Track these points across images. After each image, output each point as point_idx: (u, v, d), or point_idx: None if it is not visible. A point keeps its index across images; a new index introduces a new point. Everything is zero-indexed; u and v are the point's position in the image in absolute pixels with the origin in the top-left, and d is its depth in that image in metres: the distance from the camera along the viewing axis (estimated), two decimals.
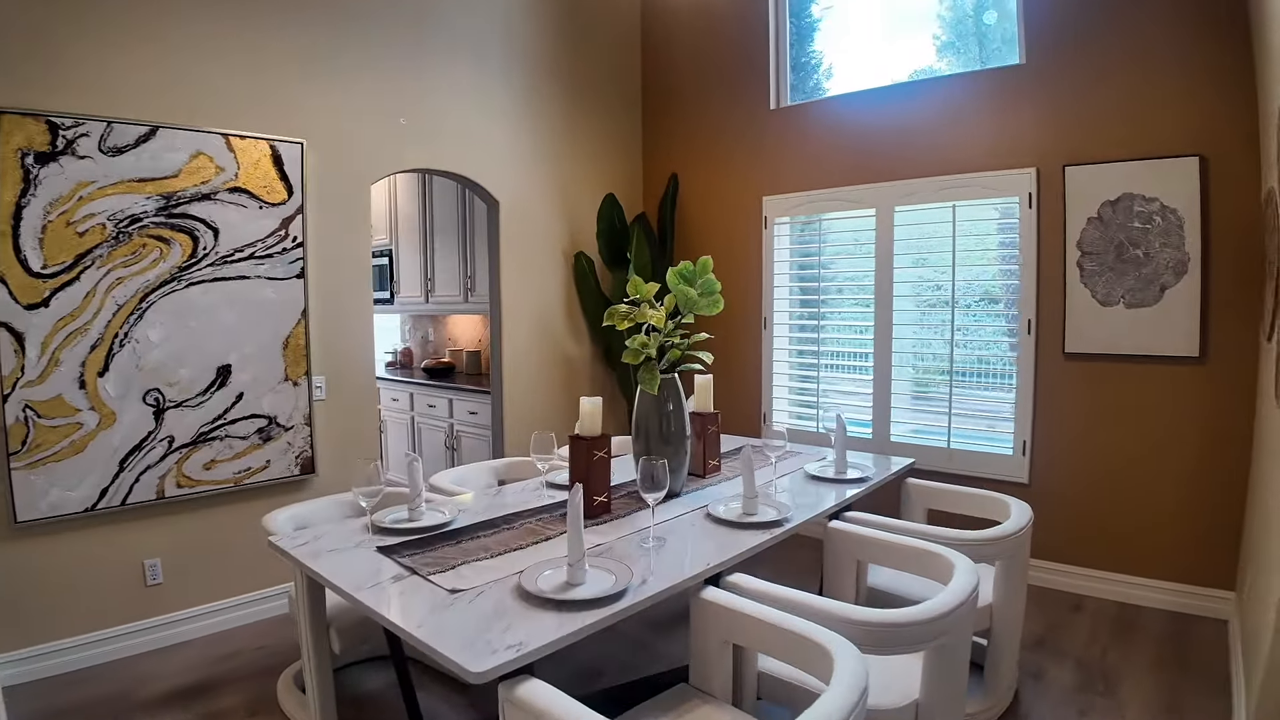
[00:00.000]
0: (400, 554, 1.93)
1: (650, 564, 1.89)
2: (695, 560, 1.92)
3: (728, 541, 2.09)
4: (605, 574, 1.76)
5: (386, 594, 1.68)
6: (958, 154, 3.84)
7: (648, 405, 2.47)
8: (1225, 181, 3.22)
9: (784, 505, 2.38)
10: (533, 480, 2.79)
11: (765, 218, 4.47)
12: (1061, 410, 3.64)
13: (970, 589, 1.90)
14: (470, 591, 1.68)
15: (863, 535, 2.33)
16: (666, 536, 2.13)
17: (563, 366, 4.60)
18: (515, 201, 4.27)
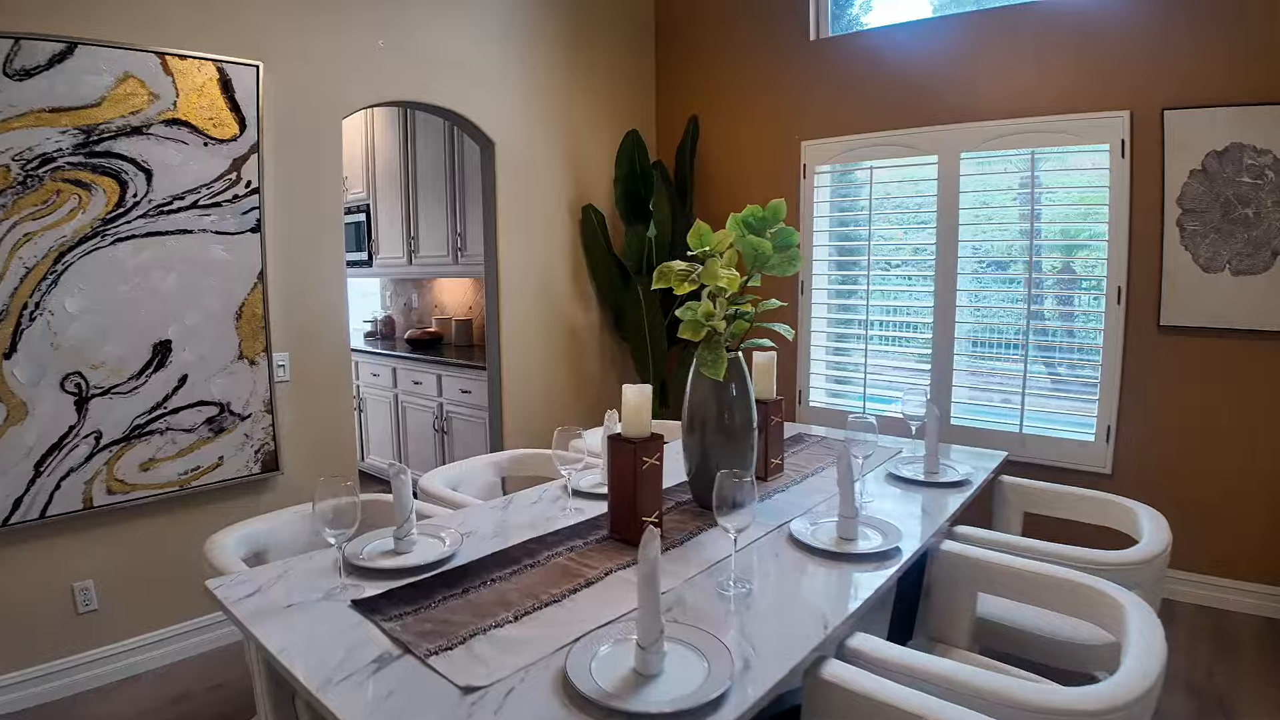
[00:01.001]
0: (386, 612, 1.38)
1: (743, 627, 1.35)
2: (804, 618, 1.39)
3: (832, 582, 1.57)
4: (689, 656, 1.22)
5: (365, 697, 1.12)
6: (1037, 94, 3.27)
7: (705, 392, 1.93)
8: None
9: (887, 526, 1.84)
10: (550, 485, 2.24)
11: (804, 166, 3.89)
12: (1153, 391, 3.15)
13: (1161, 650, 1.39)
14: (495, 690, 1.14)
15: (988, 562, 1.82)
16: (747, 574, 1.59)
17: (568, 337, 4.03)
18: (514, 143, 3.65)
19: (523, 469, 2.74)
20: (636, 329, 3.90)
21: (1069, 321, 3.38)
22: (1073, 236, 3.33)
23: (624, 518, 1.75)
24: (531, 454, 2.76)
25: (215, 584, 1.52)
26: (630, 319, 3.94)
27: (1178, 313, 3.07)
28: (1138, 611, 1.51)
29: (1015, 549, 1.92)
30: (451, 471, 2.53)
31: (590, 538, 1.79)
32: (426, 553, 1.65)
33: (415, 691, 1.13)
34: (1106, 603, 1.61)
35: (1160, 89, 3.02)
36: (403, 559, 1.62)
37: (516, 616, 1.36)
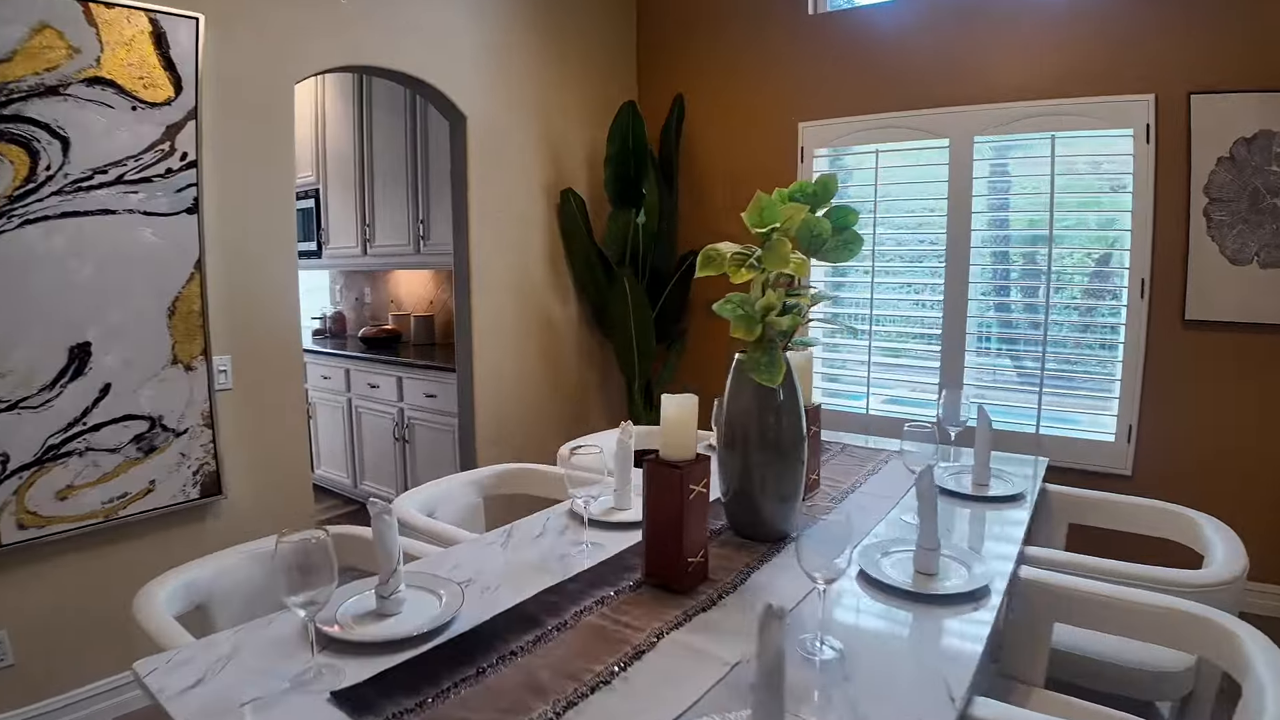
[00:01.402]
0: (380, 710, 1.05)
1: (855, 708, 1.06)
2: (922, 687, 1.11)
3: (931, 632, 1.30)
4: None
5: None
6: (1056, 75, 3.06)
7: (748, 400, 1.64)
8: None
9: (964, 553, 1.58)
10: (553, 512, 1.91)
11: (801, 149, 3.62)
12: (1177, 389, 2.99)
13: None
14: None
15: (1072, 589, 1.57)
16: (824, 624, 1.30)
17: (545, 333, 3.69)
18: (488, 118, 3.29)
19: (507, 486, 2.42)
20: (621, 324, 3.59)
21: (1089, 316, 3.18)
22: (1093, 226, 3.14)
23: (666, 558, 1.44)
24: (518, 470, 2.43)
25: (146, 667, 1.16)
26: (614, 313, 3.62)
27: (1204, 307, 2.91)
28: (1256, 644, 1.28)
29: (1091, 571, 1.69)
30: (426, 494, 2.18)
31: (621, 584, 1.47)
32: (420, 613, 1.32)
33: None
34: (1216, 633, 1.39)
35: (1186, 72, 2.84)
36: (391, 624, 1.28)
37: (558, 712, 1.04)
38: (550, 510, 1.92)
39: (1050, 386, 3.20)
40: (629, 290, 3.47)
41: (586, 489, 1.62)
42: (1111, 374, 3.11)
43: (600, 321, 3.94)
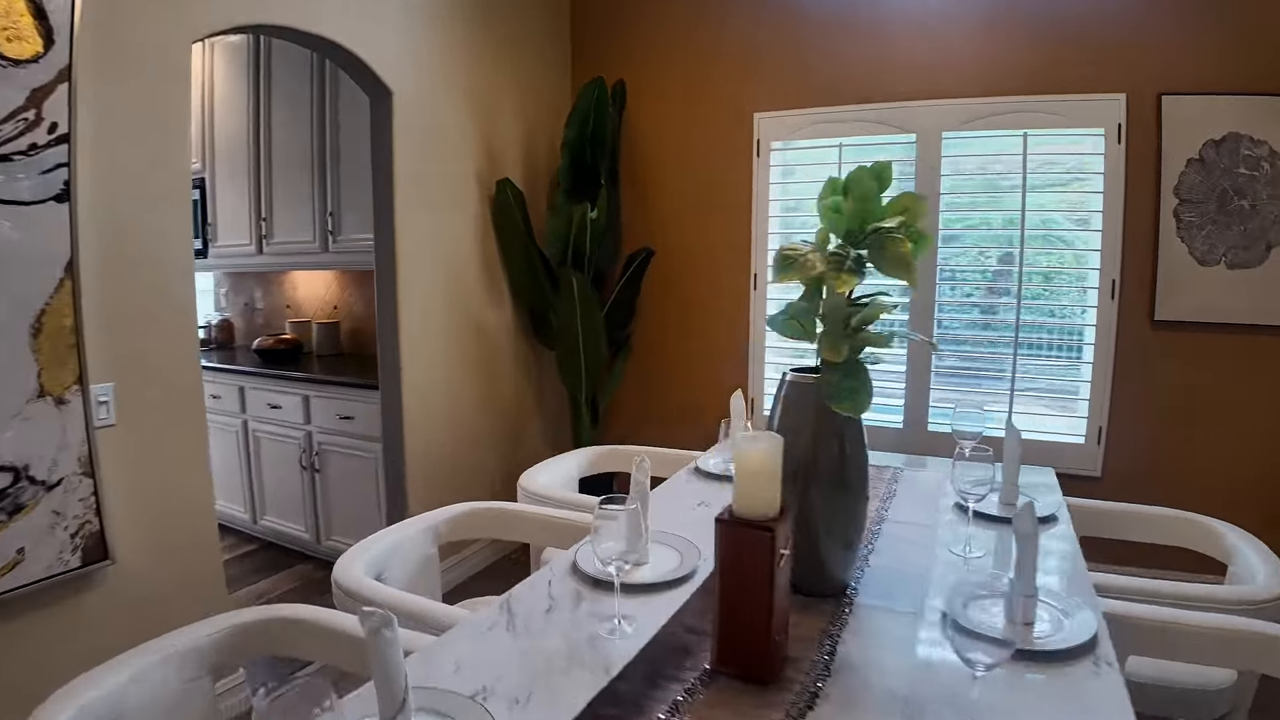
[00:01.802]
0: None
1: None
2: None
3: (1073, 702, 1.09)
4: None
5: None
6: (1028, 71, 3.01)
7: (809, 427, 1.39)
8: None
9: (1061, 598, 1.39)
10: (552, 572, 1.58)
11: (757, 142, 3.42)
12: (1146, 390, 3.00)
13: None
14: None
15: (1153, 620, 1.44)
16: (958, 705, 1.05)
17: (478, 342, 3.32)
18: (417, 96, 2.88)
19: (466, 529, 2.09)
20: (566, 331, 3.26)
21: (1059, 317, 3.14)
22: (1065, 226, 3.09)
23: (748, 641, 1.17)
24: (478, 511, 2.11)
25: None
26: (559, 318, 3.29)
27: (1173, 307, 2.92)
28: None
29: (1151, 595, 1.61)
30: (375, 550, 1.81)
31: (685, 676, 1.18)
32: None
33: None
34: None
35: (1158, 73, 2.84)
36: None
37: None
38: (546, 571, 1.58)
39: (1020, 388, 3.14)
40: (577, 292, 3.15)
41: (618, 550, 1.31)
42: (1081, 375, 3.08)
43: (538, 328, 3.60)
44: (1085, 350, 3.08)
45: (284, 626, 1.47)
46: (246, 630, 1.43)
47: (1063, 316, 3.15)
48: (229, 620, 1.42)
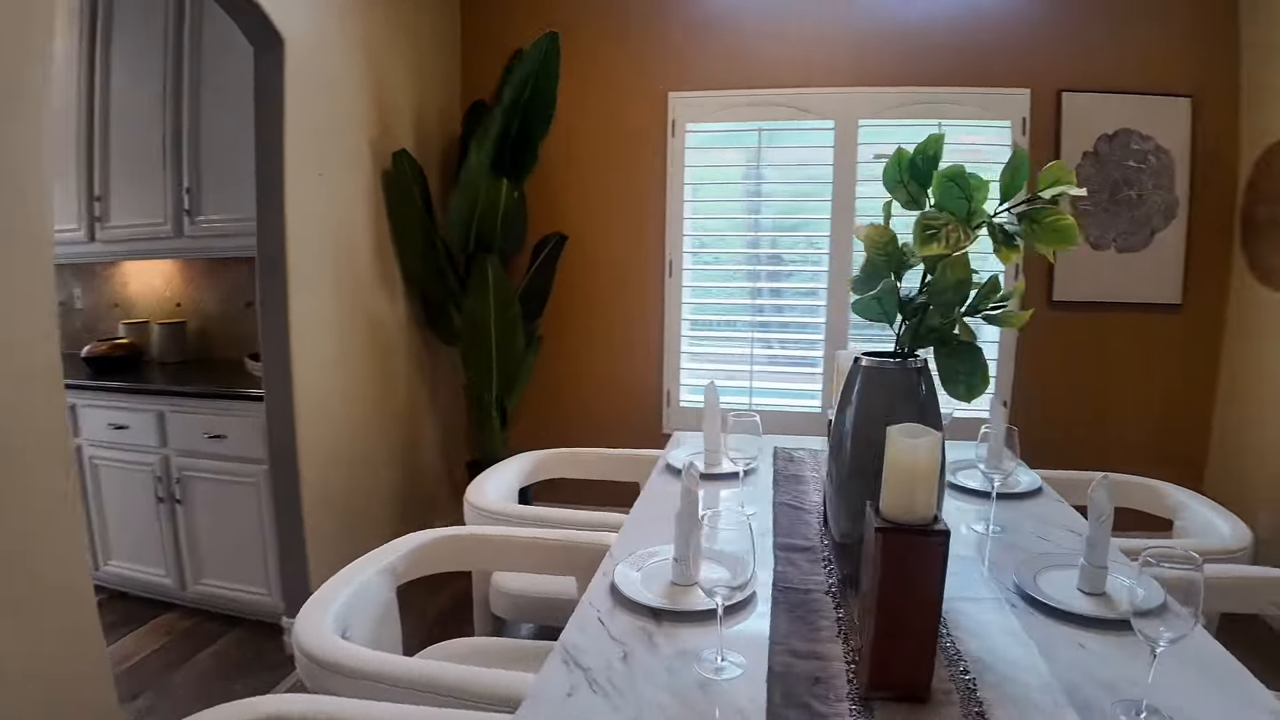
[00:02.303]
0: None
1: None
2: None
3: (1192, 668, 1.10)
4: None
5: None
6: (944, 65, 3.14)
7: (883, 415, 1.28)
8: (1211, 125, 3.03)
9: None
10: (596, 607, 1.36)
11: (672, 121, 3.29)
12: (1045, 365, 3.24)
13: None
14: None
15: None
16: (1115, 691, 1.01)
17: (372, 340, 2.94)
18: (312, 44, 2.47)
19: (423, 566, 1.78)
20: (475, 326, 2.95)
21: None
22: None
23: (908, 659, 1.05)
24: (442, 539, 1.82)
25: None
26: (467, 312, 2.96)
27: (1069, 288, 3.18)
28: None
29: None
30: (340, 603, 1.48)
31: (835, 707, 1.03)
32: None
33: None
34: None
35: (1058, 71, 3.07)
36: None
37: None
38: (586, 607, 1.34)
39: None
40: (493, 281, 2.86)
41: (724, 577, 1.13)
42: (988, 354, 3.25)
43: (435, 322, 3.25)
44: (986, 329, 3.26)
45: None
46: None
47: None
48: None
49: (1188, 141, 3.00)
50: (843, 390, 1.42)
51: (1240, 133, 2.99)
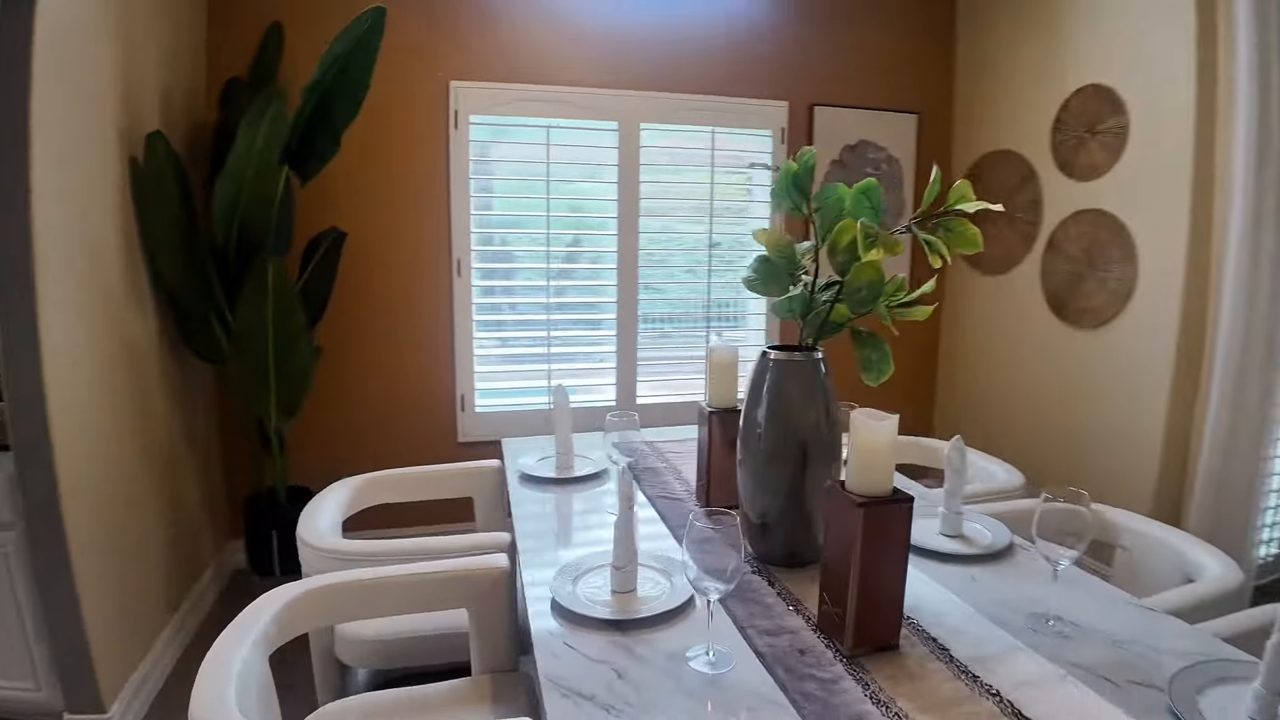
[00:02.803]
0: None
1: None
2: None
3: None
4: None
5: None
6: (717, 75, 3.46)
7: (797, 404, 1.50)
8: (933, 138, 3.73)
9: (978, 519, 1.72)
10: (549, 630, 1.35)
11: (455, 112, 3.19)
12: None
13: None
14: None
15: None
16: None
17: (127, 360, 2.45)
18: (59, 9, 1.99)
19: (295, 626, 1.58)
20: (251, 340, 2.60)
21: (740, 291, 3.65)
22: (749, 213, 3.60)
23: (881, 615, 1.22)
24: (320, 587, 1.62)
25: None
26: (242, 324, 2.59)
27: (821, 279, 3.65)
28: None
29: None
30: (232, 681, 1.28)
31: (829, 669, 1.17)
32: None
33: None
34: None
35: (811, 87, 3.53)
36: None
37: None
38: (548, 640, 1.31)
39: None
40: (273, 286, 2.54)
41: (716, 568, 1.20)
42: (758, 338, 3.66)
43: (193, 337, 2.80)
44: (754, 319, 3.66)
45: None
46: None
47: (738, 292, 3.67)
48: None
49: (914, 151, 3.64)
50: (752, 382, 1.54)
51: (955, 144, 3.70)
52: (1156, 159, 2.80)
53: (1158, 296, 2.83)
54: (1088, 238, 3.09)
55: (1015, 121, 3.41)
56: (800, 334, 1.55)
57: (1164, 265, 2.80)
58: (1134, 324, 2.93)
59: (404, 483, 2.33)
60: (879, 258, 1.34)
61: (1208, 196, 2.72)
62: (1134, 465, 2.90)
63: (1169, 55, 2.73)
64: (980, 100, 3.61)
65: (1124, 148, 2.90)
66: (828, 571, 1.25)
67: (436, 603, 1.69)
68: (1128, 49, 2.90)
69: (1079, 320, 3.17)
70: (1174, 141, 2.73)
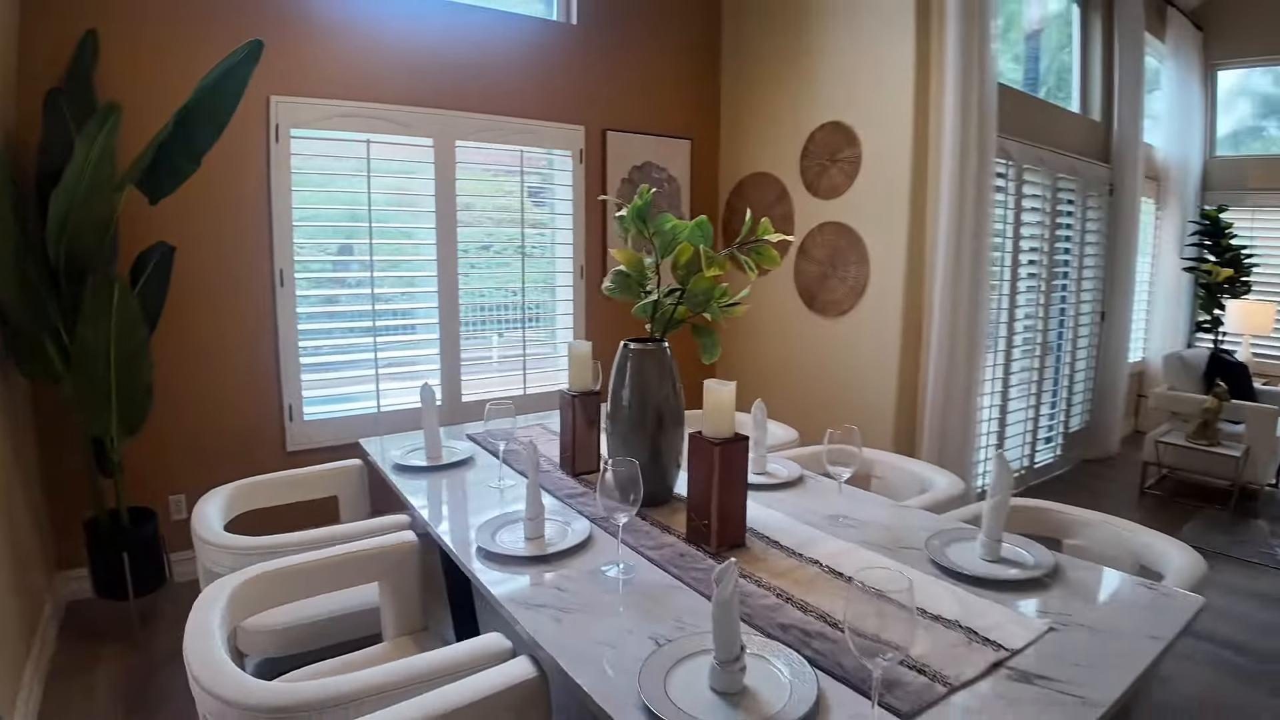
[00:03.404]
0: None
1: None
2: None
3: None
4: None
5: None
6: (523, 97, 3.86)
7: (654, 380, 2.00)
8: (703, 161, 4.44)
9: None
10: (489, 576, 1.73)
11: (275, 126, 3.31)
12: (599, 341, 4.21)
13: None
14: None
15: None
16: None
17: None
18: None
19: (250, 604, 1.78)
20: (90, 360, 2.59)
21: (550, 295, 4.10)
22: (549, 223, 4.04)
23: (732, 522, 1.76)
24: (254, 576, 1.80)
25: None
26: (83, 343, 2.57)
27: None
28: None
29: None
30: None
31: (707, 564, 1.69)
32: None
33: None
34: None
35: (604, 114, 4.06)
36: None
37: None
38: (500, 578, 1.70)
39: (531, 353, 4.01)
40: (116, 306, 2.56)
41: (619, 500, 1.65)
42: (558, 338, 4.14)
43: (23, 358, 2.69)
44: (569, 317, 4.13)
45: None
46: None
47: (554, 295, 4.12)
48: None
49: (689, 172, 4.30)
50: (616, 368, 2.01)
51: (721, 166, 4.41)
52: (883, 183, 3.70)
53: (886, 290, 3.73)
54: (830, 245, 3.93)
55: (771, 149, 4.20)
56: (649, 329, 2.04)
57: (890, 266, 3.70)
58: (869, 312, 3.81)
59: (273, 486, 2.49)
60: (714, 272, 1.86)
61: (921, 212, 3.65)
62: (876, 418, 3.78)
63: (894, 100, 3.62)
64: (742, 130, 4.38)
65: (858, 173, 3.77)
66: (694, 496, 1.76)
67: (357, 579, 1.95)
68: (861, 93, 3.77)
69: (825, 310, 4.01)
70: (896, 169, 3.63)
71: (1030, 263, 4.53)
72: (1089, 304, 5.20)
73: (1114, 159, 5.26)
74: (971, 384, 3.77)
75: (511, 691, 1.37)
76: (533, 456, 1.85)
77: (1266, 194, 6.14)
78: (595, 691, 1.23)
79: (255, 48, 2.63)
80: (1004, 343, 4.35)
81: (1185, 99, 6.00)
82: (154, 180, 2.69)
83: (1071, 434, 5.26)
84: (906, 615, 1.04)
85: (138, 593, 2.77)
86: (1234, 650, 2.87)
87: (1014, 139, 4.13)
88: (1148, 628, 1.41)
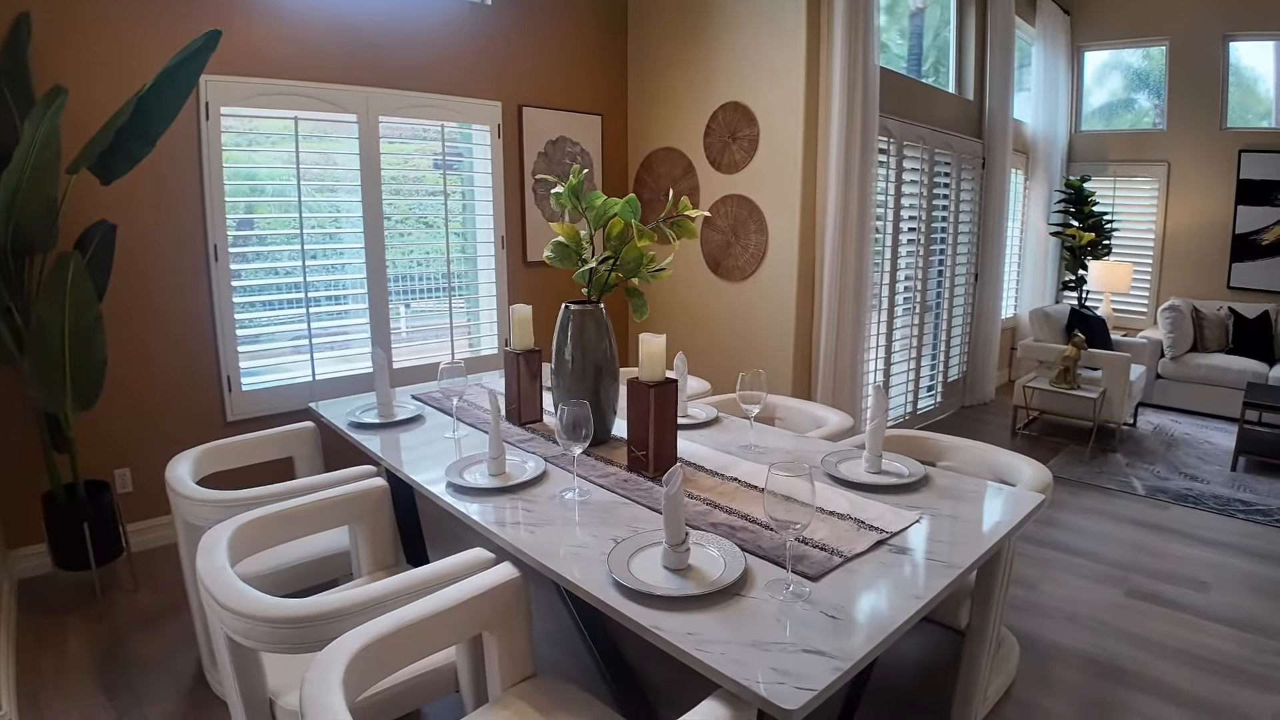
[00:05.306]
0: None
1: None
2: None
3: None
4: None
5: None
6: (444, 74, 4.10)
7: (594, 338, 2.37)
8: (613, 136, 4.81)
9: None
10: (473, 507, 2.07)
11: (206, 104, 3.45)
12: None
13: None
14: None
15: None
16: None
17: None
18: None
19: (247, 545, 2.07)
20: (49, 338, 2.71)
21: (473, 265, 4.37)
22: (470, 196, 4.30)
23: (664, 454, 2.16)
24: (247, 522, 2.12)
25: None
26: (40, 321, 2.67)
27: (534, 251, 4.52)
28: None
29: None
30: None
31: (648, 486, 2.09)
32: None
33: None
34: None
35: (520, 90, 4.35)
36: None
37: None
38: (478, 507, 2.05)
39: (458, 322, 4.29)
40: (71, 284, 2.70)
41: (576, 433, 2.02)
42: (483, 305, 4.43)
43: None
44: (491, 285, 4.42)
45: None
46: None
47: (476, 265, 4.39)
48: None
49: (600, 147, 4.64)
50: (559, 328, 2.37)
51: (630, 141, 4.76)
52: (778, 158, 4.16)
53: (783, 257, 4.22)
54: (733, 216, 4.37)
55: (677, 126, 4.60)
56: (586, 292, 2.40)
57: (785, 234, 4.18)
58: (768, 276, 4.30)
59: (234, 449, 2.73)
60: (644, 243, 2.23)
61: (812, 186, 4.15)
62: (778, 369, 4.29)
63: (788, 83, 4.09)
64: (648, 107, 4.76)
65: (756, 150, 4.22)
66: (633, 431, 2.16)
67: (334, 522, 2.25)
68: (758, 76, 4.21)
69: (730, 275, 4.47)
70: (789, 146, 4.10)
71: (910, 230, 5.12)
72: (964, 266, 5.87)
73: (986, 134, 5.92)
74: (859, 338, 4.33)
75: (500, 589, 1.73)
76: (495, 403, 2.19)
77: (1126, 165, 7.01)
78: (575, 578, 1.60)
79: (213, 37, 2.81)
80: (887, 301, 4.94)
81: (1053, 78, 6.75)
82: (109, 162, 2.84)
83: (950, 383, 5.96)
84: (807, 488, 1.47)
85: (98, 562, 2.95)
86: (1089, 559, 3.51)
87: (895, 118, 4.67)
88: (998, 517, 1.91)
